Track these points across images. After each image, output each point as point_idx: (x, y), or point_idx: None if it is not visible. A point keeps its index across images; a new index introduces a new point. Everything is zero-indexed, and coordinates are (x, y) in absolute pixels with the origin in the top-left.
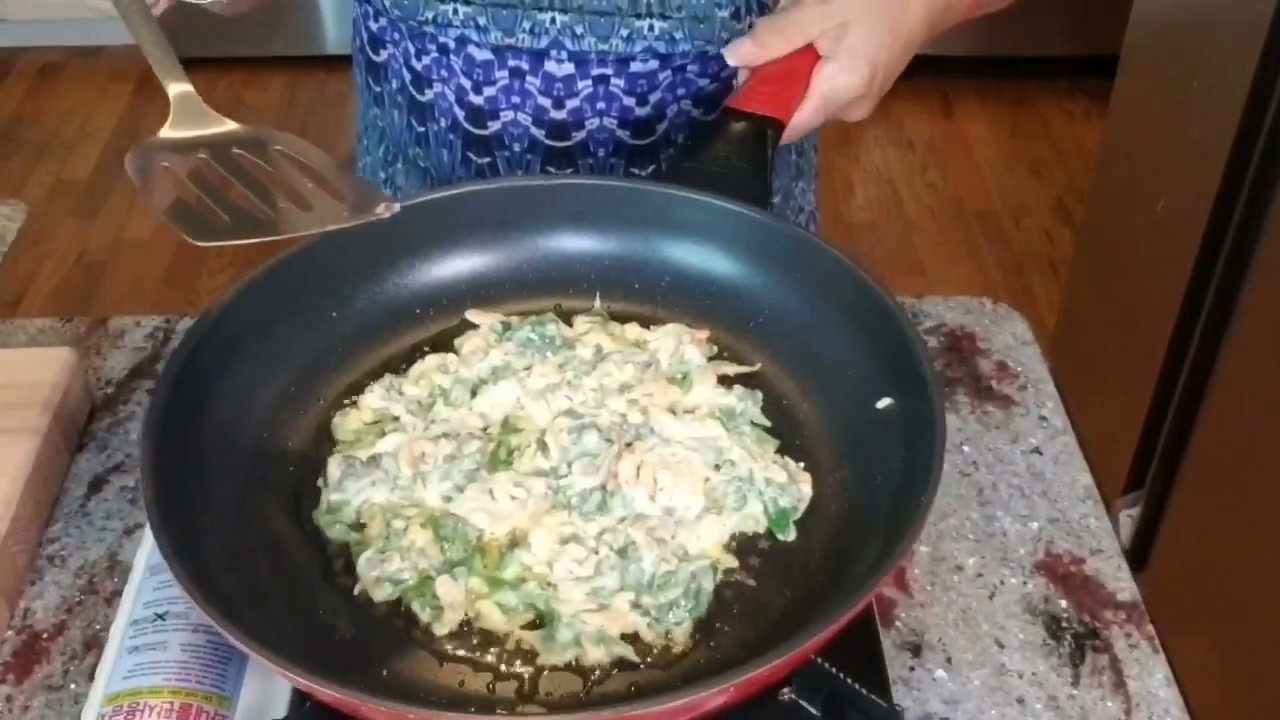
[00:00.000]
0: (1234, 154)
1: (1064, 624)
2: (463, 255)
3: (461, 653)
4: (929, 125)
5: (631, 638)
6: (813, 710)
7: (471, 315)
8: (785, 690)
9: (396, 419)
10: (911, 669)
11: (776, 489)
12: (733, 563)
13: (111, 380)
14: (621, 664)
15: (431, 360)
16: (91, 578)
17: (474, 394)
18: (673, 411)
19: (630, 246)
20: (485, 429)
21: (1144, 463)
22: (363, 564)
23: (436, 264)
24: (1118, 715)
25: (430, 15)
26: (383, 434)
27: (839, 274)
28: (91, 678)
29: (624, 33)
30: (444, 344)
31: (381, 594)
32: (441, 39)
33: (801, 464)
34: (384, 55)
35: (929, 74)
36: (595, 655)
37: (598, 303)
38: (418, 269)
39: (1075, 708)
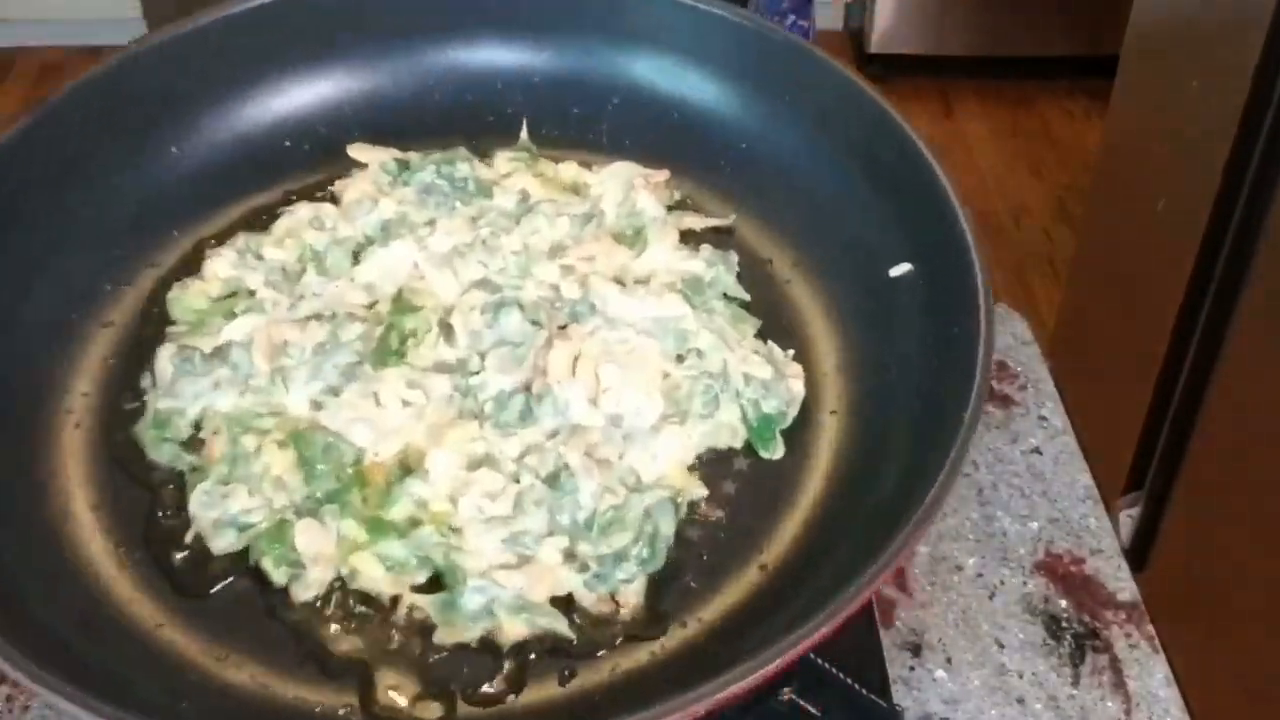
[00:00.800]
0: (1234, 154)
1: (1064, 624)
2: (346, 70)
3: (330, 629)
4: (929, 125)
5: (564, 603)
6: (813, 710)
7: (356, 151)
8: (785, 690)
9: (252, 293)
10: (911, 669)
11: (758, 388)
12: (700, 491)
13: None
14: (550, 644)
15: (303, 211)
16: None
17: (357, 259)
18: (620, 282)
19: (566, 58)
20: (371, 306)
21: (1144, 463)
22: (197, 500)
23: (311, 81)
24: (1117, 715)
25: None
26: (233, 315)
27: (842, 94)
28: None
29: None
30: (319, 196)
31: (223, 543)
32: None
33: (790, 352)
34: None
35: (929, 74)
36: (514, 630)
37: (524, 134)
38: (285, 88)
39: (1075, 708)
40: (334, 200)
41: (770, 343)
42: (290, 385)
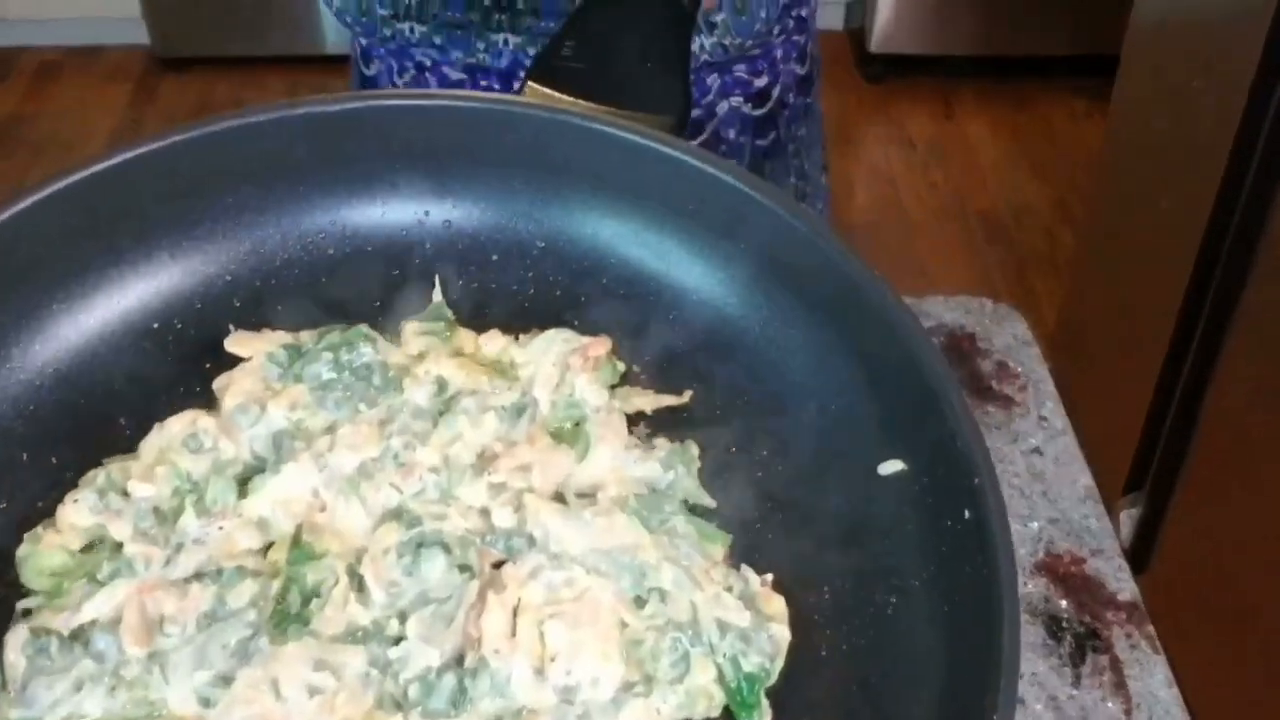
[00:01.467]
0: (1234, 153)
1: (1064, 624)
2: (221, 232)
3: None
4: (930, 125)
5: None
6: None
7: (235, 344)
8: None
9: (119, 547)
10: None
11: (736, 640)
12: None
13: None
14: None
15: (175, 427)
16: None
17: (243, 487)
18: (562, 498)
19: (482, 199)
20: (265, 550)
21: (1145, 463)
22: None
23: (179, 248)
24: (1118, 716)
25: (389, 33)
26: (96, 581)
27: (802, 247)
28: None
29: None
30: (199, 391)
31: None
32: (418, 57)
33: (769, 577)
34: (374, 69)
35: (929, 74)
36: None
37: (437, 293)
38: (148, 258)
39: (1076, 708)
40: (213, 402)
41: (745, 568)
42: (171, 676)
